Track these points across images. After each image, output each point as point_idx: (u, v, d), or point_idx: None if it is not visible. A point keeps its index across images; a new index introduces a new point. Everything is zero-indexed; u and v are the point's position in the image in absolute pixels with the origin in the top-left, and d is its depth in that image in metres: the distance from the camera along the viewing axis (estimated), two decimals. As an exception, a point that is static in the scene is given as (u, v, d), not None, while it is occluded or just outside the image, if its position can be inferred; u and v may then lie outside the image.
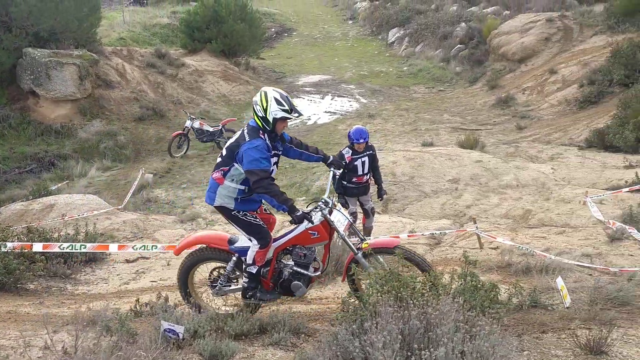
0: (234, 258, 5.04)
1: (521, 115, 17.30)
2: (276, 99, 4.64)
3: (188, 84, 20.73)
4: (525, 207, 9.63)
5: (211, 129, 15.77)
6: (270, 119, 4.63)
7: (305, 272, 4.94)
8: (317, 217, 4.82)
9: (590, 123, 15.06)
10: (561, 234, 7.81)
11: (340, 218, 4.97)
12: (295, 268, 4.96)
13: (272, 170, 4.73)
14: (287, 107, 4.64)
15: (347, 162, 7.59)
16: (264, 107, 4.63)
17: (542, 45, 20.66)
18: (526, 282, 5.61)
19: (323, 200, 4.96)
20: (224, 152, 4.82)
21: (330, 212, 4.90)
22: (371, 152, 7.76)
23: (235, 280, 5.18)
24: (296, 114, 4.79)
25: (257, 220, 4.87)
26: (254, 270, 4.87)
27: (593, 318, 4.24)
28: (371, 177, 7.94)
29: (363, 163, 7.68)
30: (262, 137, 4.66)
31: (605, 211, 8.66)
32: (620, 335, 3.92)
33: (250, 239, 4.87)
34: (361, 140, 7.53)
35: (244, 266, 4.93)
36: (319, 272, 5.04)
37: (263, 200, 5.04)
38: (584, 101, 16.61)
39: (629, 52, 16.15)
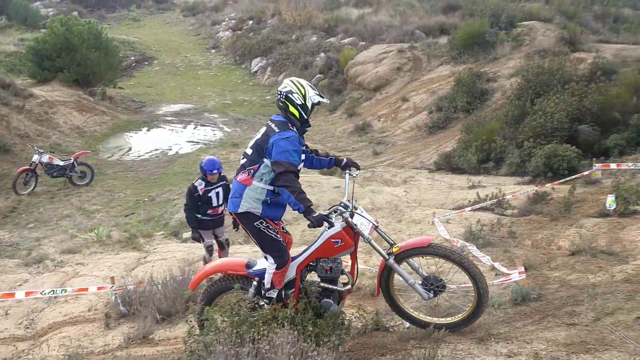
0: (254, 283, 4.67)
1: (377, 141, 18.15)
2: (309, 85, 4.59)
3: (37, 115, 19.36)
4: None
5: (62, 163, 14.83)
6: (309, 105, 4.52)
7: (334, 287, 4.59)
8: (337, 222, 4.51)
9: (439, 147, 16.13)
10: (411, 254, 8.19)
11: (363, 221, 4.61)
12: (322, 284, 4.60)
13: (299, 167, 4.54)
14: (318, 92, 4.59)
15: (201, 194, 7.48)
16: (303, 94, 4.50)
17: (395, 75, 21.91)
18: (373, 304, 5.79)
19: (342, 204, 4.62)
20: (249, 151, 4.54)
21: (352, 216, 4.57)
22: (225, 182, 7.69)
23: (260, 309, 4.69)
24: (325, 100, 4.76)
25: (279, 236, 4.57)
26: (274, 294, 4.53)
27: (428, 337, 4.45)
28: (225, 208, 7.87)
29: (217, 194, 7.59)
30: (293, 129, 4.46)
31: (451, 230, 9.23)
32: (450, 351, 4.14)
33: (266, 257, 4.55)
34: (214, 172, 7.45)
35: (262, 292, 4.57)
36: (350, 286, 4.71)
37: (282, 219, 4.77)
38: (433, 127, 17.79)
39: (469, 81, 17.61)
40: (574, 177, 10.65)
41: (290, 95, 4.50)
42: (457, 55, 20.91)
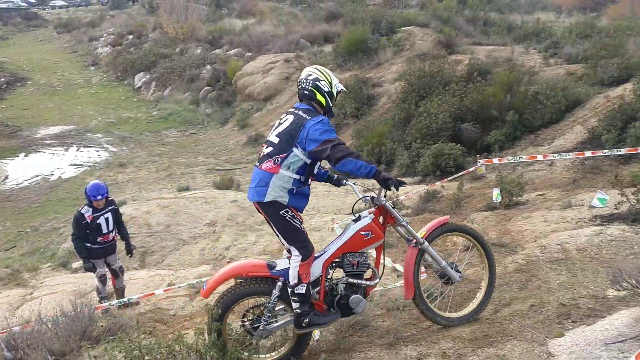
0: (279, 284, 4.24)
1: (272, 151, 18.07)
2: (332, 73, 4.47)
3: None
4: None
5: None
6: (335, 93, 4.39)
7: (361, 282, 4.38)
8: (365, 214, 4.36)
9: (332, 153, 16.31)
10: (313, 263, 8.17)
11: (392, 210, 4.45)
12: (349, 280, 4.37)
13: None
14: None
15: (89, 221, 7.00)
16: (329, 81, 4.36)
17: (284, 84, 21.99)
18: (281, 320, 5.66)
19: (370, 197, 4.42)
20: (275, 140, 4.25)
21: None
22: (113, 206, 7.27)
23: (281, 314, 4.42)
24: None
25: (303, 226, 4.29)
26: (302, 289, 4.14)
27: (338, 348, 4.40)
28: (117, 234, 7.44)
29: (107, 220, 7.15)
30: (322, 114, 4.34)
31: (351, 234, 9.33)
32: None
33: (289, 250, 4.26)
34: (99, 197, 7.01)
35: (289, 290, 4.19)
36: (377, 280, 4.47)
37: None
38: (324, 134, 17.97)
39: (356, 87, 18.00)
40: (460, 174, 11.15)
41: (318, 83, 4.34)
42: (342, 62, 21.34)
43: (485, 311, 4.90)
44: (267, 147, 4.33)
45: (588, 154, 10.14)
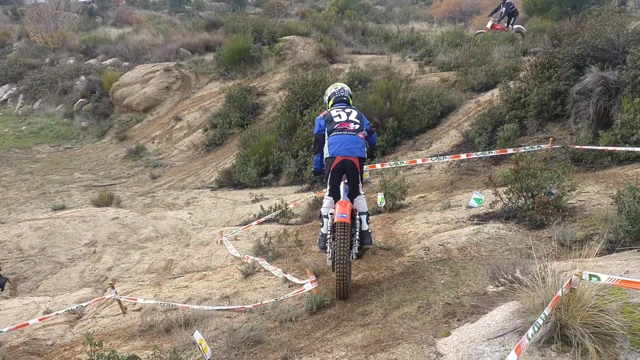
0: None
1: (154, 164, 17.41)
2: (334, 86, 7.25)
3: None
4: (167, 258, 9.53)
5: None
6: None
7: None
8: None
9: (218, 164, 16.03)
10: (202, 279, 7.91)
11: None
12: None
13: None
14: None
15: None
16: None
17: (164, 94, 21.29)
18: (169, 341, 5.41)
19: None
20: (357, 120, 6.29)
21: None
22: None
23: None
24: None
25: None
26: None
27: (230, 367, 4.25)
28: None
29: None
30: None
31: (241, 246, 9.16)
32: (254, 378, 3.99)
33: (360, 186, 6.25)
34: None
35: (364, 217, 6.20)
36: None
37: None
38: (210, 144, 17.63)
39: (240, 96, 17.82)
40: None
41: (350, 94, 7.00)
42: (225, 71, 21.07)
43: (376, 315, 4.97)
44: (353, 124, 6.18)
45: (463, 156, 10.70)
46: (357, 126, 6.13)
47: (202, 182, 15.22)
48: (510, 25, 20.16)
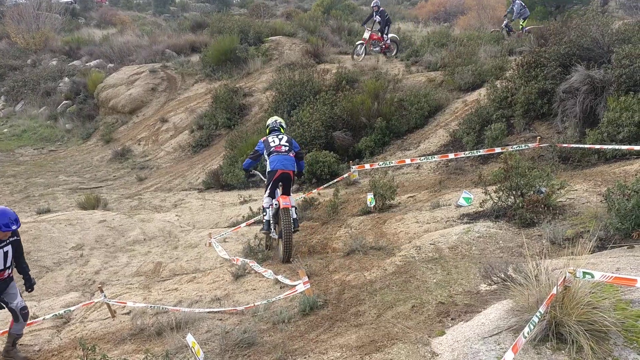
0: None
1: (140, 166, 17.27)
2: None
3: None
4: (156, 260, 9.44)
5: None
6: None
7: None
8: None
9: (205, 165, 15.93)
10: (192, 281, 7.85)
11: None
12: None
13: None
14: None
15: None
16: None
17: (150, 96, 21.13)
18: (160, 344, 5.35)
19: None
20: (287, 144, 8.19)
21: None
22: (16, 237, 6.01)
23: None
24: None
25: None
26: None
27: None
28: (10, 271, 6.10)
29: (5, 254, 5.86)
30: None
31: (230, 248, 9.10)
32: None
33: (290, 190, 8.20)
34: (14, 227, 5.72)
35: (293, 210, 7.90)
36: None
37: None
38: (196, 145, 17.52)
39: (226, 97, 17.74)
40: (335, 180, 11.34)
41: (282, 122, 8.79)
42: (211, 72, 20.96)
43: (369, 315, 4.95)
44: (284, 147, 8.14)
45: (451, 156, 10.74)
46: (287, 148, 8.20)
47: (189, 184, 15.11)
48: (384, 35, 18.77)
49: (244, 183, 13.68)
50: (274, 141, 8.21)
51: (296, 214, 8.00)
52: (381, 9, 18.78)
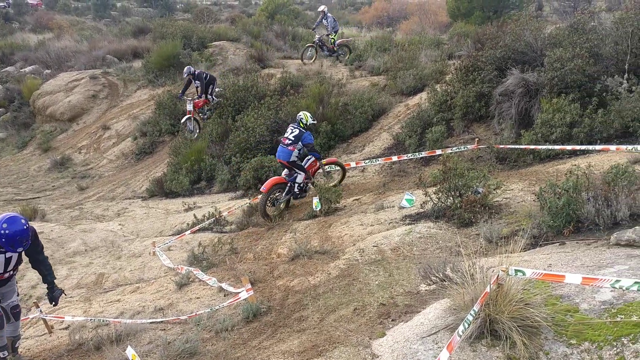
0: (289, 184, 10.02)
1: (81, 175, 16.77)
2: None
3: None
4: (98, 272, 9.20)
5: None
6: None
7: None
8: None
9: (149, 173, 15.62)
10: (135, 291, 7.69)
11: None
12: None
13: None
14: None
15: None
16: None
17: (91, 103, 20.56)
18: (99, 359, 5.21)
19: None
20: (293, 138, 9.80)
21: None
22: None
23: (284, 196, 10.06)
24: None
25: None
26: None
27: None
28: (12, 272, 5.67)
29: (8, 260, 5.44)
30: None
31: (175, 257, 8.96)
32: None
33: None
34: (19, 249, 5.34)
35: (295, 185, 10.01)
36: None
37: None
38: (140, 153, 17.15)
39: (170, 103, 17.46)
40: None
41: (303, 118, 10.19)
42: (154, 78, 20.58)
43: (312, 320, 4.97)
44: (288, 140, 9.79)
45: (394, 158, 10.91)
46: (290, 141, 9.74)
47: (133, 192, 14.78)
48: (210, 96, 16.31)
49: (188, 190, 13.50)
50: (285, 132, 10.11)
51: (298, 188, 10.05)
52: (197, 73, 16.12)
